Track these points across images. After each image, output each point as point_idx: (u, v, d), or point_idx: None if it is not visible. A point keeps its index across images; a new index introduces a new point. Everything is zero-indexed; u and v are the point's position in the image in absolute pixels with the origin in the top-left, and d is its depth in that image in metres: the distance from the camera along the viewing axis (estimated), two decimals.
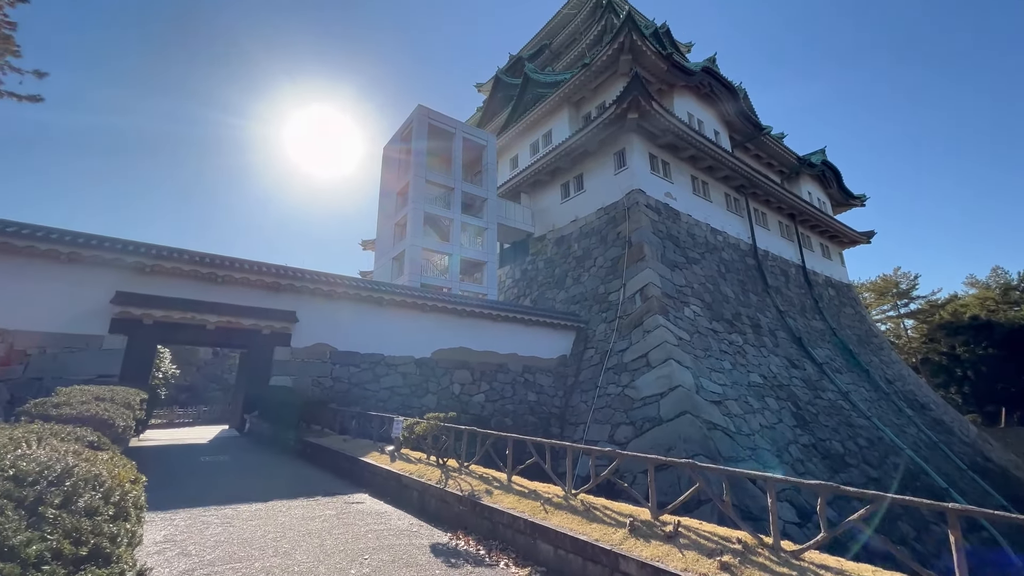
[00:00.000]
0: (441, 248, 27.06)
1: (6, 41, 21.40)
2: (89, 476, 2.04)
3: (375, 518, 7.30)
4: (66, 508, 1.81)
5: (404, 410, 16.53)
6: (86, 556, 1.68)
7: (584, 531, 5.38)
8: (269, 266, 16.23)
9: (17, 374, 12.12)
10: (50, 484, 1.91)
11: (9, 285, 12.39)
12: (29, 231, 12.63)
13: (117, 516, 1.97)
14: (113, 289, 13.65)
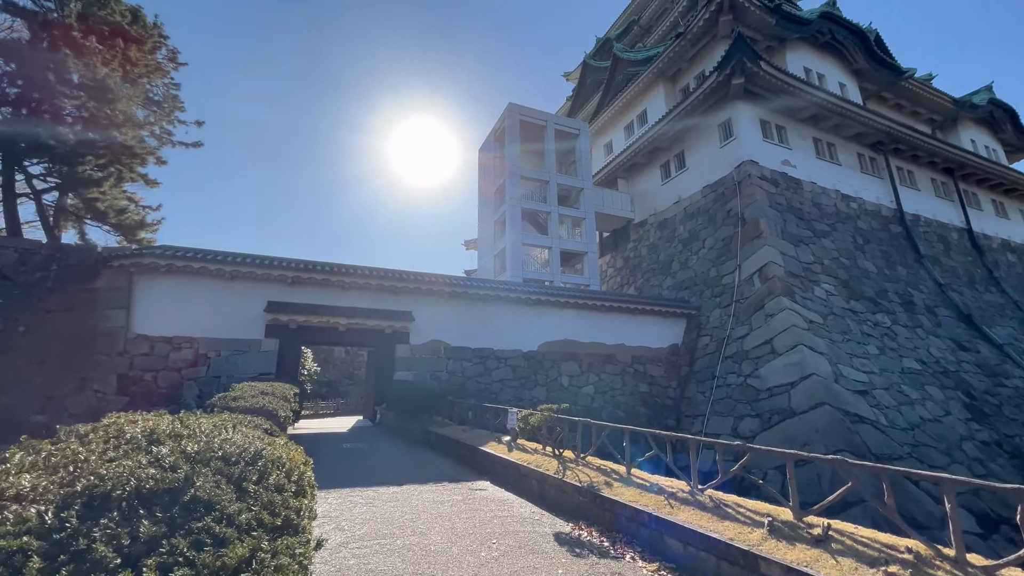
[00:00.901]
0: (540, 242, 27.29)
1: (174, 100, 25.97)
2: (274, 458, 2.41)
3: (498, 505, 7.61)
4: (261, 484, 2.15)
5: (515, 402, 17.02)
6: (280, 526, 1.98)
7: (716, 529, 5.08)
8: (387, 271, 17.69)
9: (202, 374, 14.71)
10: (247, 464, 2.29)
11: (193, 301, 15.04)
12: (202, 255, 15.22)
13: (298, 493, 2.30)
14: (265, 299, 15.90)
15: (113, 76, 20.26)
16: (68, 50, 18.92)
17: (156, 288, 14.86)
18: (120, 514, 1.65)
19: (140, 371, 13.90)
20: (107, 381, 13.42)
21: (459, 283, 18.69)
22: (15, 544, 1.40)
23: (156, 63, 24.17)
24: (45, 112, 18.52)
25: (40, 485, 1.70)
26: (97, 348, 13.67)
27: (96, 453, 1.99)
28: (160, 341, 14.41)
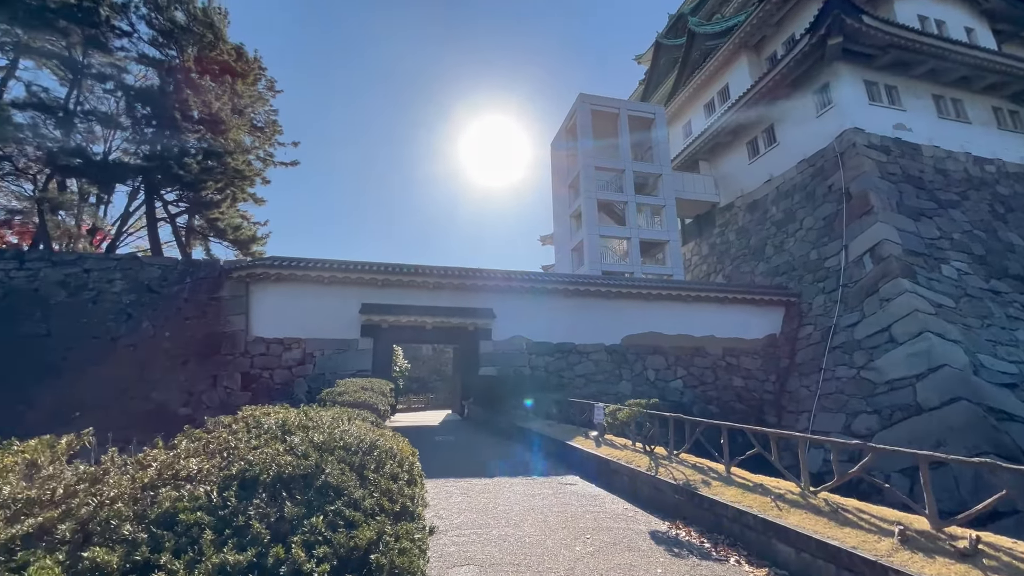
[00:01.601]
0: (618, 233, 26.60)
1: (274, 125, 28.74)
2: (387, 448, 2.59)
3: (589, 500, 7.57)
4: (379, 472, 2.33)
5: (600, 396, 16.78)
6: (398, 512, 2.13)
7: (835, 536, 4.64)
8: (467, 270, 18.25)
9: (309, 371, 16.18)
10: (364, 453, 2.48)
11: (299, 305, 16.59)
12: (304, 263, 16.72)
13: (410, 482, 2.46)
14: (360, 302, 17.10)
15: (224, 109, 22.89)
16: (189, 91, 21.67)
17: (268, 295, 16.59)
18: (268, 495, 1.87)
19: (259, 369, 15.63)
20: (234, 378, 15.26)
21: (537, 279, 18.79)
22: (192, 518, 1.65)
23: (258, 93, 26.94)
24: (174, 146, 21.38)
25: (204, 468, 1.98)
26: (224, 349, 15.58)
27: (243, 441, 2.28)
28: (274, 342, 16.08)
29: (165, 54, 22.98)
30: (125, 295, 15.47)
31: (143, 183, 21.71)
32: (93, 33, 20.85)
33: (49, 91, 21.42)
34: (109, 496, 1.67)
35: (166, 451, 2.14)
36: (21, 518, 1.51)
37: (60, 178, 21.86)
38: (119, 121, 22.21)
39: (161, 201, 22.68)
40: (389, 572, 1.70)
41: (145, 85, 23.00)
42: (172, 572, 1.40)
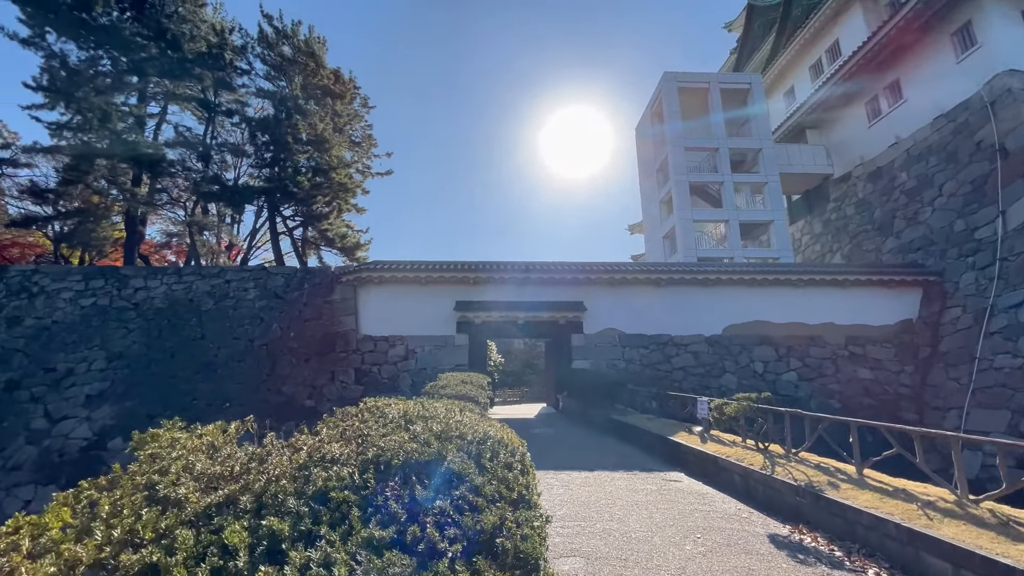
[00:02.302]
0: (714, 216, 24.95)
1: (370, 139, 30.96)
2: (499, 438, 2.70)
3: (697, 498, 7.23)
4: (494, 461, 2.43)
5: (701, 390, 15.92)
6: (516, 500, 2.21)
7: (1008, 553, 3.97)
8: (555, 264, 18.26)
9: (412, 366, 17.28)
10: (478, 443, 2.61)
11: (400, 304, 17.76)
12: (402, 265, 17.86)
13: (523, 472, 2.54)
14: (454, 299, 17.87)
15: (327, 129, 25.12)
16: (298, 116, 24.10)
17: (373, 296, 17.98)
18: (400, 479, 2.04)
19: (369, 365, 17.03)
20: (348, 373, 16.79)
21: (627, 269, 18.26)
22: (341, 496, 1.85)
23: (354, 111, 29.22)
24: (288, 167, 23.96)
25: (344, 452, 2.22)
26: (338, 347, 17.19)
27: (373, 429, 2.51)
28: (380, 340, 17.41)
29: (277, 85, 25.79)
30: (258, 301, 17.70)
31: (266, 202, 24.61)
32: (221, 75, 24.02)
33: (191, 130, 25.14)
34: (274, 474, 1.94)
35: (311, 436, 2.44)
36: (212, 490, 1.82)
37: (203, 203, 25.52)
38: (245, 149, 25.40)
39: (280, 217, 25.53)
40: (514, 556, 1.78)
41: (263, 116, 26.03)
42: (331, 542, 1.60)
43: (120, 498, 1.73)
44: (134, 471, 2.02)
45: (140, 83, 22.64)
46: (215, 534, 1.56)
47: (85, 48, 21.90)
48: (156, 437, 2.34)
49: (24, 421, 14.07)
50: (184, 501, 1.71)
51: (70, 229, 22.73)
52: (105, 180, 21.83)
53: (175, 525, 1.57)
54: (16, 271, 17.27)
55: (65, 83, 20.79)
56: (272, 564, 1.47)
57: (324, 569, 1.45)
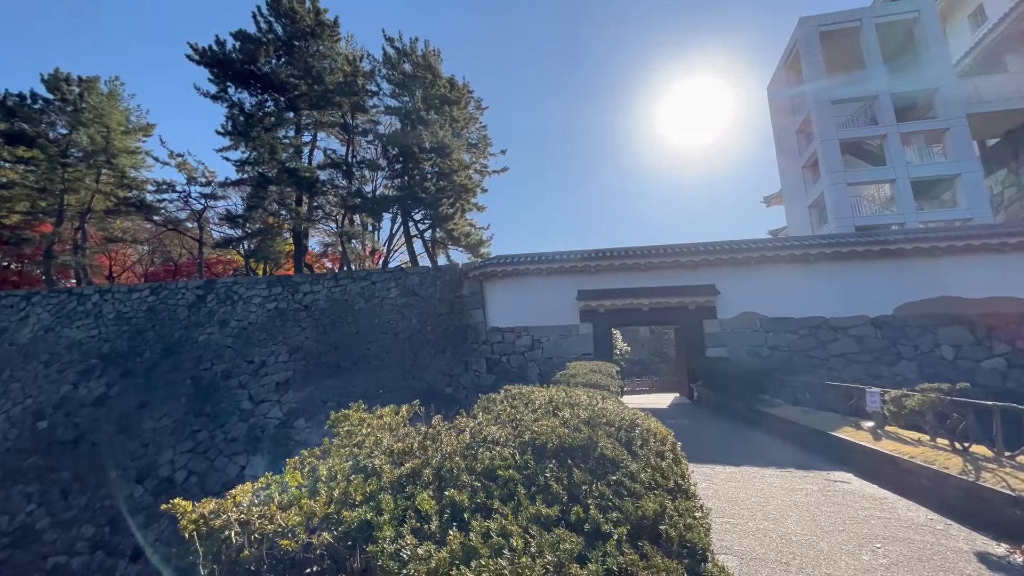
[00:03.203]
0: (875, 176, 21.25)
1: (485, 140, 32.26)
2: (647, 426, 2.66)
3: (872, 503, 6.32)
4: (645, 448, 2.41)
5: (868, 379, 13.78)
6: (672, 488, 2.17)
7: None
8: (682, 246, 17.21)
9: (538, 356, 17.71)
10: (626, 430, 2.60)
11: (524, 296, 18.31)
12: (524, 258, 18.35)
13: (676, 461, 2.47)
14: (576, 289, 17.88)
15: (447, 135, 26.74)
16: (420, 126, 26.05)
17: (498, 290, 18.80)
18: (557, 462, 2.14)
19: (498, 355, 17.89)
20: (480, 363, 17.85)
21: (766, 246, 16.46)
22: (507, 474, 2.00)
23: (469, 115, 30.64)
24: (416, 175, 26.08)
25: (502, 435, 2.38)
26: (470, 339, 18.34)
27: (525, 414, 2.66)
28: (507, 331, 18.16)
29: (401, 101, 28.15)
30: (399, 299, 19.67)
31: (399, 209, 27.13)
32: (356, 99, 26.98)
33: (336, 152, 28.72)
34: (447, 451, 2.18)
35: (471, 419, 2.67)
36: (399, 463, 2.11)
37: (350, 215, 29.03)
38: (379, 163, 28.27)
39: (412, 221, 27.95)
40: (679, 544, 1.75)
41: (391, 131, 28.66)
42: (504, 515, 1.74)
43: (332, 465, 2.11)
44: (338, 443, 2.43)
45: (295, 117, 26.50)
46: (408, 500, 1.80)
47: (254, 95, 26.31)
48: (347, 417, 2.77)
49: (236, 402, 17.58)
50: (380, 471, 2.01)
51: (255, 246, 27.58)
52: (276, 203, 26.03)
53: (377, 491, 1.86)
54: (222, 283, 21.54)
55: (243, 126, 25.21)
56: (458, 530, 1.65)
57: (503, 539, 1.59)
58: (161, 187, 27.85)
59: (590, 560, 1.54)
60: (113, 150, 26.59)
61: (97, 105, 26.43)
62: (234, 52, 25.48)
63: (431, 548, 1.49)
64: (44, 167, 25.52)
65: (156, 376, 18.65)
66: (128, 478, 15.90)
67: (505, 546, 1.55)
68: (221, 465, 15.93)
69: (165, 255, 35.11)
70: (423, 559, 1.44)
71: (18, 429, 17.82)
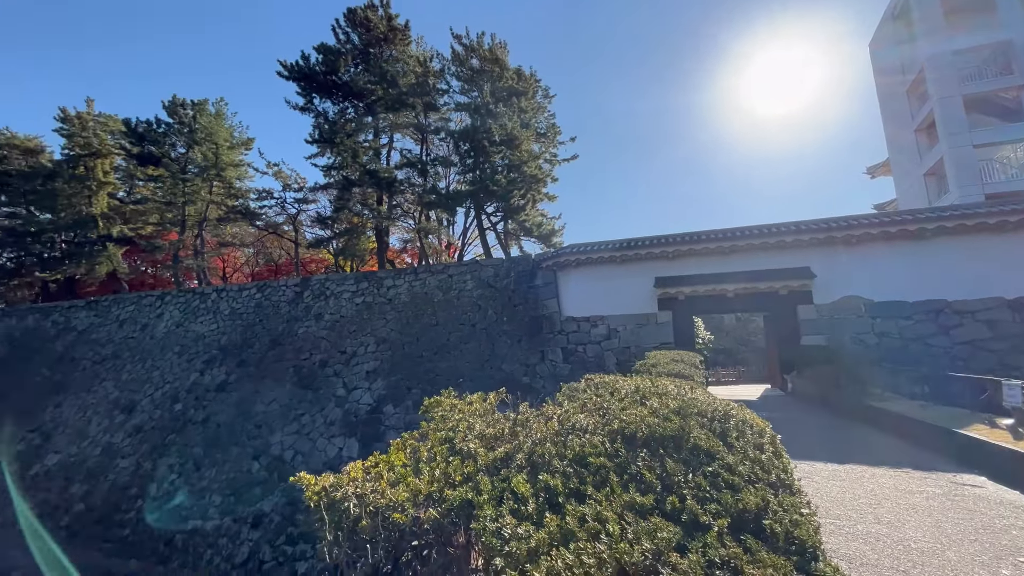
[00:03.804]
0: (1009, 135, 18.23)
1: (554, 128, 31.95)
2: (742, 418, 2.54)
3: (1013, 511, 5.54)
4: (742, 440, 2.30)
5: (1002, 371, 11.96)
6: (775, 482, 2.06)
7: None
8: (770, 227, 15.99)
9: (615, 345, 17.39)
10: (720, 421, 2.49)
11: (598, 285, 18.01)
12: (597, 247, 18.03)
13: (776, 454, 2.33)
14: (653, 276, 17.27)
15: (515, 127, 26.84)
16: (489, 120, 26.36)
17: (572, 279, 18.67)
18: (648, 451, 2.11)
19: (574, 345, 17.82)
20: (556, 353, 17.89)
21: (873, 222, 14.78)
22: (598, 462, 2.02)
23: (537, 104, 30.46)
24: (487, 168, 26.49)
25: (590, 423, 2.40)
26: (545, 329, 18.42)
27: (612, 403, 2.65)
28: (582, 320, 18.02)
29: (470, 96, 28.64)
30: (475, 291, 20.22)
31: (472, 203, 27.76)
32: (427, 99, 27.89)
33: (411, 151, 29.96)
34: (537, 438, 2.23)
35: (557, 407, 2.71)
36: (492, 448, 2.20)
37: (426, 212, 30.21)
38: (451, 160, 29.07)
39: (485, 214, 28.49)
40: (785, 540, 1.66)
41: (462, 127, 29.31)
42: (597, 501, 1.76)
43: (431, 447, 2.25)
44: (434, 427, 2.58)
45: (373, 121, 27.97)
46: (504, 482, 1.88)
47: (336, 103, 28.13)
48: (439, 403, 2.93)
49: (332, 389, 19.15)
50: (475, 454, 2.12)
51: (342, 245, 29.67)
52: (360, 204, 27.75)
53: (474, 472, 1.97)
54: (316, 280, 23.45)
55: (328, 133, 27.08)
56: (553, 513, 1.70)
57: (598, 524, 1.61)
58: (261, 195, 30.80)
59: (690, 550, 1.52)
60: (222, 164, 29.79)
61: (207, 125, 29.70)
62: (317, 65, 27.38)
63: (529, 528, 1.55)
64: (169, 183, 29.24)
65: (265, 365, 20.81)
66: (246, 455, 17.97)
67: (601, 531, 1.57)
68: (322, 446, 17.47)
69: (267, 256, 38.89)
70: (523, 538, 1.50)
71: (160, 410, 20.78)
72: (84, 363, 24.99)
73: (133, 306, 26.32)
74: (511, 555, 1.44)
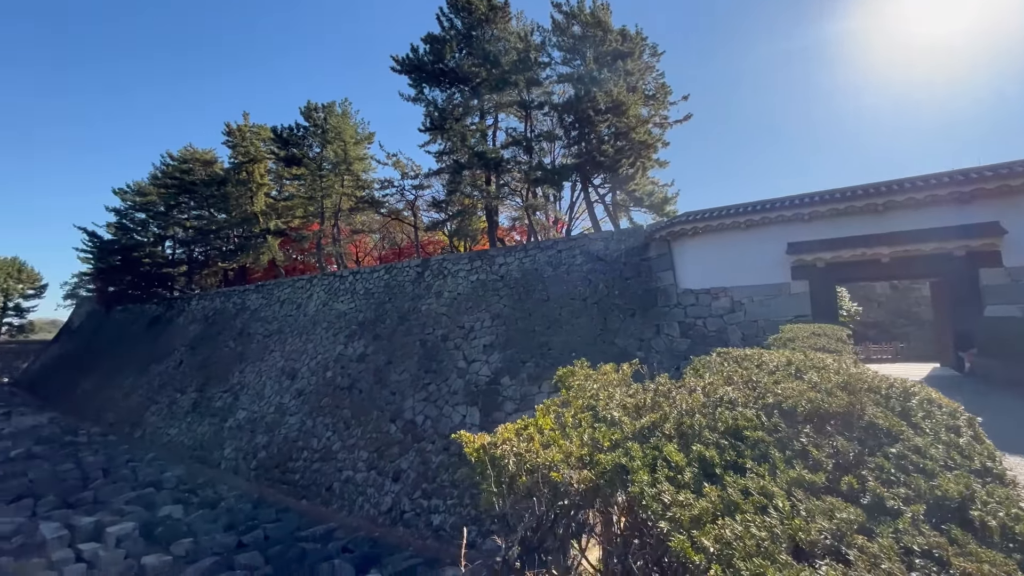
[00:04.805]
0: None
1: (663, 88, 29.79)
2: (927, 396, 2.21)
3: None
4: (930, 421, 2.01)
5: None
6: (979, 470, 1.77)
7: None
8: (942, 176, 13.34)
9: (740, 318, 16.09)
10: (899, 398, 2.20)
11: (719, 254, 16.74)
12: (717, 212, 16.65)
13: (976, 439, 2.00)
14: (785, 242, 15.52)
15: (621, 92, 25.53)
16: (593, 88, 25.41)
17: (688, 249, 17.56)
18: (812, 427, 1.95)
19: (692, 318, 16.87)
20: (672, 327, 17.11)
21: None
22: (756, 435, 1.92)
23: (645, 64, 28.60)
24: (593, 139, 25.73)
25: (738, 396, 2.28)
26: (660, 302, 17.68)
27: (761, 376, 2.48)
28: (701, 293, 16.93)
29: (572, 66, 27.82)
30: (584, 265, 20.04)
31: (578, 176, 27.31)
32: (530, 75, 27.69)
33: (516, 129, 30.19)
34: (684, 408, 2.19)
35: (699, 379, 2.62)
36: (637, 416, 2.22)
37: (532, 189, 30.45)
38: (556, 134, 28.73)
39: (592, 186, 27.89)
40: (1001, 535, 1.43)
41: (565, 99, 28.69)
42: (759, 475, 1.68)
43: (575, 414, 2.33)
44: (573, 395, 2.67)
45: (479, 104, 28.63)
46: (655, 451, 1.88)
47: (444, 90, 29.26)
48: (573, 372, 3.01)
49: (454, 362, 20.60)
50: (620, 422, 2.15)
51: (456, 226, 31.28)
52: (470, 186, 28.87)
53: (622, 439, 2.00)
54: (435, 261, 25.13)
55: (437, 120, 28.40)
56: (711, 483, 1.67)
57: (764, 497, 1.54)
58: (384, 184, 33.59)
59: (878, 534, 1.38)
60: (350, 159, 32.99)
61: (336, 125, 32.98)
62: (425, 55, 28.66)
63: (689, 496, 1.54)
64: (309, 180, 33.21)
65: (395, 339, 23.02)
66: (384, 418, 20.23)
67: (768, 505, 1.50)
68: (447, 412, 18.97)
69: (391, 240, 42.57)
70: (685, 506, 1.50)
71: (316, 377, 24.21)
72: (257, 337, 29.97)
73: (289, 288, 30.76)
74: (675, 520, 1.44)
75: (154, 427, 30.26)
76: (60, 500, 19.56)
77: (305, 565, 14.55)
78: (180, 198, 43.81)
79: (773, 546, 1.27)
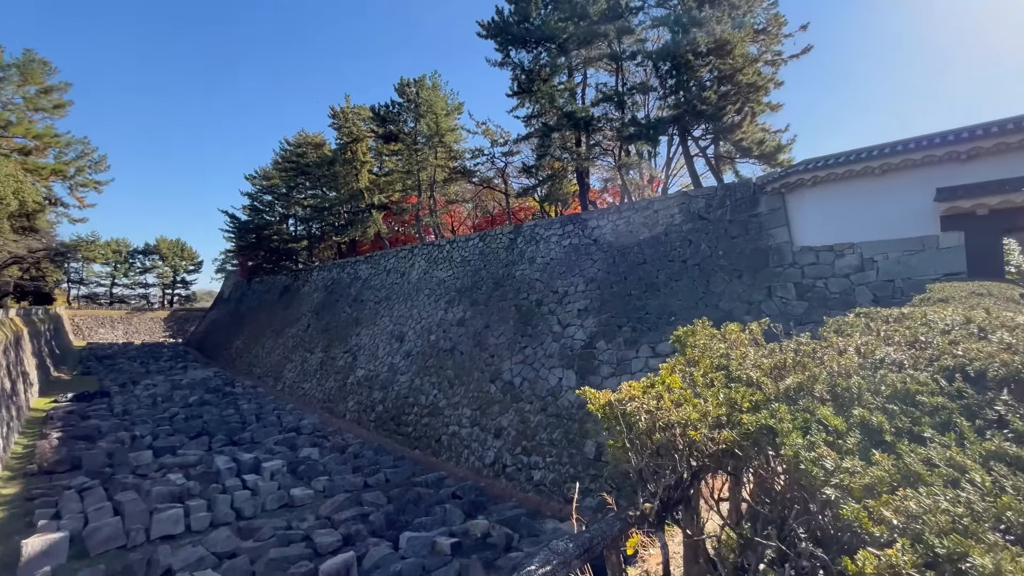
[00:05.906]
0: None
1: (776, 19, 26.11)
2: None
3: None
4: None
5: None
6: None
7: None
8: None
9: (872, 278, 14.19)
10: None
11: (845, 206, 14.75)
12: (843, 158, 14.56)
13: None
14: (932, 187, 13.21)
15: (724, 30, 22.87)
16: (693, 28, 23.05)
17: (807, 202, 15.70)
18: (1011, 394, 1.65)
19: (811, 279, 15.21)
20: (787, 288, 15.60)
21: None
22: (934, 401, 1.67)
23: None
24: (692, 86, 23.58)
25: (903, 357, 2.00)
26: (772, 262, 16.15)
27: (931, 337, 2.15)
28: (822, 250, 15.15)
29: (668, 6, 25.42)
30: (684, 224, 18.85)
31: (676, 129, 25.38)
32: (620, 23, 25.83)
33: (606, 84, 28.62)
34: (835, 369, 1.97)
35: (846, 338, 2.34)
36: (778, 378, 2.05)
37: (625, 147, 28.96)
38: (650, 85, 26.76)
39: (692, 139, 25.80)
40: None
41: (660, 46, 26.43)
42: (944, 445, 1.47)
43: (705, 373, 2.22)
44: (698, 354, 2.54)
45: (566, 61, 27.46)
46: (806, 413, 1.73)
47: (530, 51, 28.44)
48: (694, 332, 2.85)
49: (549, 326, 20.86)
50: (759, 383, 2.00)
51: (546, 191, 30.96)
52: (559, 148, 28.22)
53: (764, 401, 1.86)
54: (527, 227, 25.26)
55: (525, 83, 27.84)
56: (880, 451, 1.49)
57: (952, 470, 1.34)
58: (474, 153, 34.06)
59: None
60: (442, 131, 33.83)
61: (428, 99, 33.83)
62: (511, 16, 27.95)
63: (856, 463, 1.40)
64: (405, 155, 34.75)
65: (492, 304, 23.81)
66: (484, 378, 21.25)
67: (960, 479, 1.31)
68: (544, 375, 19.41)
69: (483, 208, 43.46)
70: (852, 473, 1.36)
71: (421, 340, 26.03)
72: (369, 303, 32.80)
73: (393, 258, 33.02)
74: (842, 487, 1.32)
75: (291, 381, 34.92)
76: (227, 438, 23.56)
77: (421, 506, 16.14)
78: (298, 179, 48.54)
79: (975, 524, 1.11)
